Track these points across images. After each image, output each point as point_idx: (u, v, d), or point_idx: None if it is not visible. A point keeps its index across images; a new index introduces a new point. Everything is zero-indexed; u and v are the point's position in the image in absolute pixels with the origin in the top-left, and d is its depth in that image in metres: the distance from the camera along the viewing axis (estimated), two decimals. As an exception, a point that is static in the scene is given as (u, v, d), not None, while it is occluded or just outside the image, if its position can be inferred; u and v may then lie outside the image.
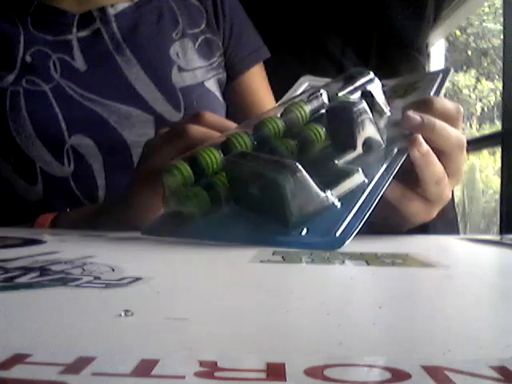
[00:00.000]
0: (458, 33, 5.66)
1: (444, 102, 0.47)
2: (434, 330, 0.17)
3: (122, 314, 0.17)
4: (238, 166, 0.40)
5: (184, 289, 0.23)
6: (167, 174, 0.41)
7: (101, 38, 0.66)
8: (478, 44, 6.16)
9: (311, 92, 0.48)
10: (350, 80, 0.49)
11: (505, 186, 1.36)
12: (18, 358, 0.13)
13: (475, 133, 5.86)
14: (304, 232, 0.38)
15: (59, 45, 0.64)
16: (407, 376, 0.12)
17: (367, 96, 0.48)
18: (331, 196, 0.38)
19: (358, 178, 0.41)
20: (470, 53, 6.25)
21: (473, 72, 6.22)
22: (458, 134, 0.46)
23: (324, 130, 0.45)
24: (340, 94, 0.48)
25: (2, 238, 0.41)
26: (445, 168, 0.46)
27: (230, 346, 0.15)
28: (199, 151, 0.42)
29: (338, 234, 0.37)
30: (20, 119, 0.60)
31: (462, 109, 0.48)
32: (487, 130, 5.60)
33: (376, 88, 0.49)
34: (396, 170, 0.44)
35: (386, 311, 0.19)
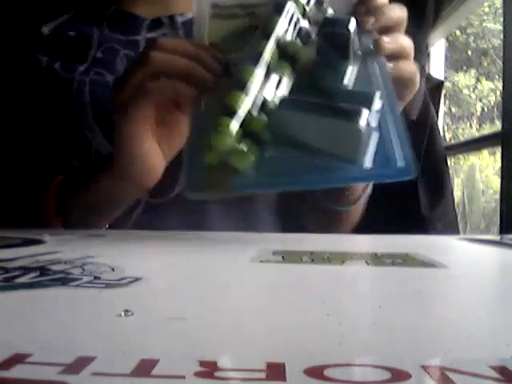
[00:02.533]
0: (458, 33, 5.66)
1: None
2: (434, 329, 0.17)
3: (122, 314, 0.17)
4: (287, 117, 0.40)
5: (184, 289, 0.23)
6: (214, 134, 0.39)
7: None
8: (478, 44, 6.16)
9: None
10: None
11: (505, 186, 1.36)
12: (18, 358, 0.13)
13: (475, 133, 5.86)
14: (369, 165, 0.39)
15: (128, 43, 0.69)
16: (407, 376, 0.12)
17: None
18: (372, 123, 0.39)
19: (378, 101, 0.41)
20: (470, 53, 6.25)
21: (473, 72, 6.22)
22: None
23: (303, 44, 0.45)
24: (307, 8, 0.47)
25: (2, 238, 0.41)
26: None
27: (230, 346, 0.15)
28: (228, 99, 0.40)
29: (401, 163, 0.39)
30: (83, 105, 0.64)
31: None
32: (487, 129, 5.60)
33: None
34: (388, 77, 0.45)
35: (386, 311, 0.19)
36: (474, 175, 4.79)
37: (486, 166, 5.03)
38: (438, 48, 2.07)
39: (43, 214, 0.56)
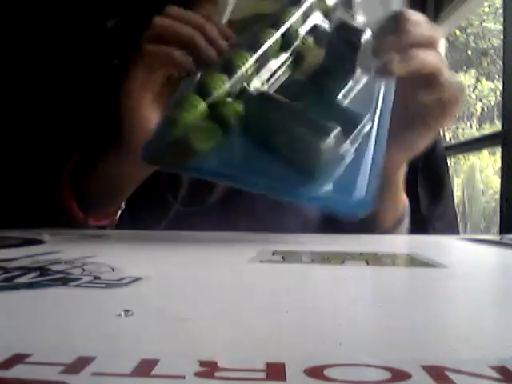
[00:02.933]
0: (458, 33, 5.66)
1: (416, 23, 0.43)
2: (433, 329, 0.17)
3: (122, 314, 0.17)
4: (260, 111, 0.39)
5: (184, 289, 0.23)
6: (180, 110, 0.38)
7: None
8: (478, 44, 6.16)
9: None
10: None
11: (505, 186, 1.36)
12: (18, 358, 0.13)
13: (475, 133, 5.86)
14: (328, 188, 0.38)
15: None
16: (407, 376, 0.12)
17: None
18: (348, 146, 0.38)
19: (367, 124, 0.40)
20: (470, 53, 6.25)
21: (473, 72, 6.22)
22: (437, 55, 0.44)
23: (315, 44, 0.44)
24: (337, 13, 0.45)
25: (2, 237, 0.41)
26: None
27: (230, 346, 0.15)
28: (206, 78, 0.39)
29: (360, 195, 0.38)
30: None
31: (438, 32, 0.45)
32: (487, 129, 5.60)
33: None
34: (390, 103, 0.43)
35: (386, 311, 0.19)
36: (474, 175, 4.79)
37: (485, 166, 5.03)
38: (437, 48, 2.07)
39: (60, 199, 0.55)
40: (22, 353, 0.13)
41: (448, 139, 5.03)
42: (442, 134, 1.03)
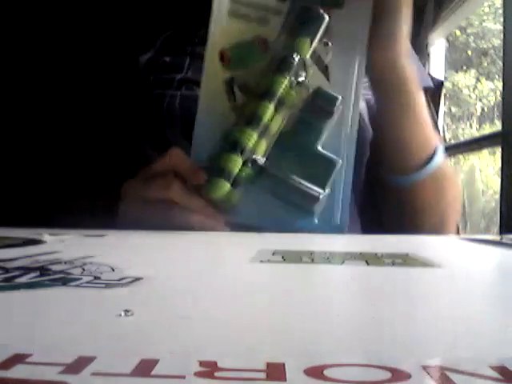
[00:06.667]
0: (458, 33, 5.66)
1: None
2: (433, 329, 0.17)
3: (122, 313, 0.17)
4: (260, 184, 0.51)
5: (184, 289, 0.23)
6: (212, 190, 0.50)
7: None
8: (477, 44, 6.16)
9: (283, 58, 0.51)
10: (310, 24, 0.53)
11: (505, 186, 1.35)
12: (18, 358, 0.13)
13: (475, 133, 5.86)
14: (315, 221, 0.52)
15: None
16: (407, 376, 0.12)
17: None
18: (328, 190, 0.52)
19: (340, 167, 0.53)
20: (470, 53, 6.25)
21: (473, 72, 6.22)
22: None
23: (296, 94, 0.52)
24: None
25: (2, 238, 0.41)
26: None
27: (230, 346, 0.15)
28: (228, 164, 0.49)
29: (338, 220, 0.52)
30: (173, 118, 0.66)
31: None
32: (487, 130, 5.60)
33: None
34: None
35: (386, 311, 0.19)
36: (474, 175, 4.79)
37: (485, 166, 5.03)
38: (438, 48, 2.07)
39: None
40: (21, 353, 0.13)
41: (448, 139, 5.03)
42: (442, 133, 1.03)
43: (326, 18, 0.52)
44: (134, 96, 0.70)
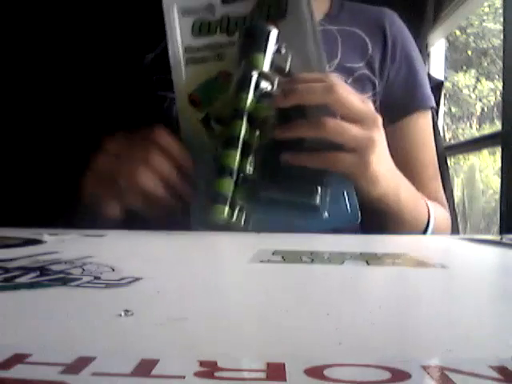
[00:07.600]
0: (457, 33, 5.65)
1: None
2: (433, 329, 0.17)
3: (122, 313, 0.17)
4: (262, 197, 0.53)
5: (184, 289, 0.23)
6: (217, 212, 0.50)
7: None
8: (477, 44, 6.16)
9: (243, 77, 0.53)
10: (258, 39, 0.54)
11: (505, 186, 1.35)
12: (18, 358, 0.13)
13: (475, 133, 5.85)
14: (325, 216, 0.53)
15: None
16: (407, 376, 0.12)
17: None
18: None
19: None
20: (470, 53, 6.25)
21: (473, 72, 6.21)
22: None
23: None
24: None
25: (2, 238, 0.41)
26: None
27: (230, 346, 0.15)
28: (222, 188, 0.51)
29: (348, 209, 0.53)
30: (169, 121, 0.66)
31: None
32: (487, 130, 5.60)
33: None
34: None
35: (386, 311, 0.19)
36: (474, 175, 4.79)
37: (485, 166, 5.03)
38: (438, 48, 2.06)
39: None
40: (21, 353, 0.13)
41: (448, 139, 5.03)
42: (442, 133, 1.03)
43: (274, 29, 0.54)
44: (136, 94, 0.70)
